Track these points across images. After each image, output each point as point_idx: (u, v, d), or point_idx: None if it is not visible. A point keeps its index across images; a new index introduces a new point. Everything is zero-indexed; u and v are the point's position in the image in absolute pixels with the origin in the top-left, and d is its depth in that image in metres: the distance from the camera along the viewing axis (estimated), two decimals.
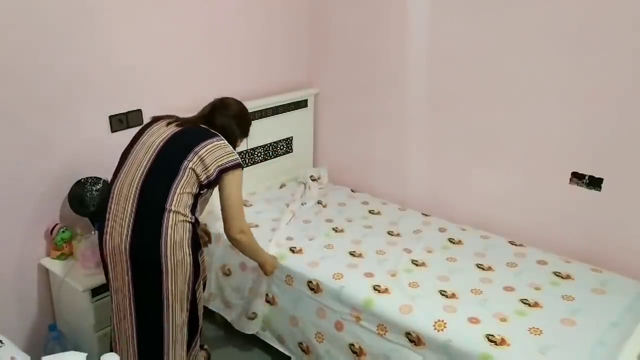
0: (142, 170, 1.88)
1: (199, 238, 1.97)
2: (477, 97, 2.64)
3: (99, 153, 2.41)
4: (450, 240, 2.57)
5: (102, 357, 2.10)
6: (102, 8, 2.27)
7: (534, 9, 2.36)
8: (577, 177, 2.41)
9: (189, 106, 2.66)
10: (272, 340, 2.46)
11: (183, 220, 1.86)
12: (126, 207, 1.86)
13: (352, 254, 2.43)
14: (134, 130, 2.49)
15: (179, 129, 1.96)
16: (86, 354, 2.01)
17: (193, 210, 1.90)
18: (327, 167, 3.37)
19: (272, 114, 3.03)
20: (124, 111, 2.47)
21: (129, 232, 1.84)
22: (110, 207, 1.89)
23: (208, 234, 2.45)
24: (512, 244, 2.52)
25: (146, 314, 1.91)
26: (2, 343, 1.90)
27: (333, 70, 3.21)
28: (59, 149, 2.28)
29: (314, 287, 2.26)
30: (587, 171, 2.38)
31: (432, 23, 2.71)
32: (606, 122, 2.28)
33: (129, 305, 1.91)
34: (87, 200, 2.28)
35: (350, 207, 2.96)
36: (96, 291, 2.16)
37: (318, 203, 2.98)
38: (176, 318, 1.91)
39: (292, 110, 3.18)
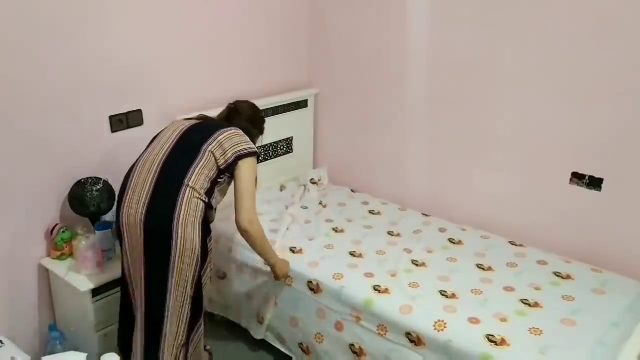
0: (165, 150, 2.00)
1: (209, 222, 2.03)
2: (477, 97, 2.64)
3: (99, 153, 2.41)
4: (450, 240, 2.57)
5: (102, 357, 2.10)
6: (103, 8, 2.27)
7: (534, 9, 2.36)
8: (577, 177, 2.41)
9: (189, 106, 2.66)
10: (272, 340, 2.46)
11: (197, 198, 1.93)
12: (146, 180, 1.95)
13: (352, 254, 2.43)
14: (134, 130, 2.52)
15: (199, 121, 2.13)
16: (86, 354, 2.02)
17: (208, 194, 1.98)
18: (327, 167, 3.37)
19: (272, 114, 3.03)
20: (124, 111, 2.47)
21: (146, 202, 1.92)
22: (131, 181, 1.99)
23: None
24: (512, 244, 2.52)
25: (154, 285, 1.95)
26: (2, 343, 1.91)
27: (333, 70, 3.21)
28: (59, 149, 2.27)
29: (313, 287, 2.26)
30: (587, 171, 2.38)
31: (432, 23, 2.71)
32: (606, 122, 2.28)
33: (141, 276, 1.97)
34: (87, 200, 2.28)
35: (350, 207, 2.96)
36: (96, 291, 2.16)
37: (319, 204, 2.98)
38: (178, 294, 1.95)
39: (292, 110, 3.18)
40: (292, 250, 2.45)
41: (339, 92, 3.22)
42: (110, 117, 2.42)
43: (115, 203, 2.07)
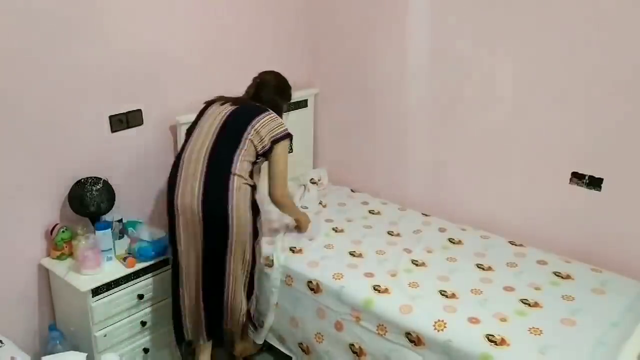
0: (208, 141, 2.21)
1: (257, 203, 2.25)
2: (477, 97, 2.64)
3: (99, 153, 2.41)
4: (450, 240, 2.57)
5: (102, 357, 2.10)
6: (103, 8, 2.27)
7: (534, 10, 2.36)
8: (577, 177, 2.41)
9: (189, 106, 2.66)
10: (272, 340, 2.46)
11: (245, 183, 2.17)
12: (196, 171, 2.17)
13: (352, 254, 2.43)
14: (134, 130, 2.52)
15: (235, 107, 2.29)
16: (86, 354, 2.02)
17: (251, 175, 2.21)
18: (327, 168, 3.37)
19: None
20: (124, 111, 2.46)
21: (200, 192, 2.13)
22: (180, 173, 2.20)
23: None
24: (512, 244, 2.52)
25: (212, 264, 2.20)
26: (2, 343, 1.91)
27: (333, 70, 3.21)
28: (59, 149, 2.27)
29: (314, 287, 2.26)
30: (587, 171, 2.38)
31: (432, 23, 2.71)
32: (606, 122, 2.28)
33: (199, 257, 2.20)
34: (87, 200, 2.28)
35: (350, 207, 2.96)
36: (96, 291, 2.16)
37: (319, 204, 2.98)
38: (237, 269, 2.21)
39: (292, 110, 3.18)
40: (292, 250, 2.45)
41: (339, 92, 3.22)
42: (110, 117, 2.42)
43: (167, 192, 2.25)
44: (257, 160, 2.24)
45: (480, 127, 2.67)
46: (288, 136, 2.28)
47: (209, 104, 2.37)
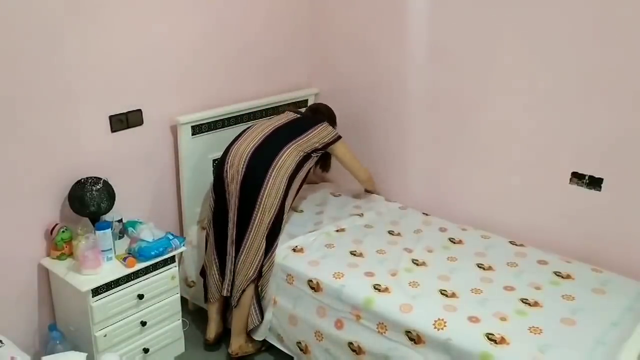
0: (272, 127, 2.58)
1: (301, 168, 2.54)
2: (478, 96, 2.64)
3: (99, 153, 2.41)
4: (451, 240, 2.57)
5: (102, 357, 2.10)
6: (103, 7, 2.27)
7: (534, 8, 2.36)
8: (577, 177, 2.41)
9: (189, 106, 2.67)
10: (272, 339, 2.46)
11: (296, 154, 2.50)
12: (256, 136, 2.52)
13: (352, 253, 2.43)
14: (134, 130, 2.52)
15: (298, 115, 2.72)
16: (86, 354, 2.02)
17: (299, 166, 2.52)
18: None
19: (273, 114, 3.03)
20: (124, 111, 2.46)
21: (255, 145, 2.48)
22: (242, 135, 2.57)
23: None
24: (513, 244, 2.52)
25: (244, 216, 2.42)
26: (2, 343, 1.91)
27: (333, 70, 3.21)
28: (59, 149, 2.27)
29: (314, 286, 2.26)
30: (587, 171, 2.38)
31: (432, 23, 2.71)
32: (606, 122, 2.28)
33: (234, 212, 2.44)
34: (87, 200, 2.28)
35: (350, 206, 2.95)
36: (96, 291, 2.16)
37: (317, 205, 2.98)
38: (263, 221, 2.40)
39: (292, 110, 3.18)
40: (292, 249, 2.45)
41: (339, 92, 3.22)
42: (110, 117, 2.42)
43: (218, 163, 2.59)
44: (313, 155, 2.58)
45: (480, 126, 2.67)
46: (339, 137, 2.68)
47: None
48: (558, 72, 2.36)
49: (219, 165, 2.53)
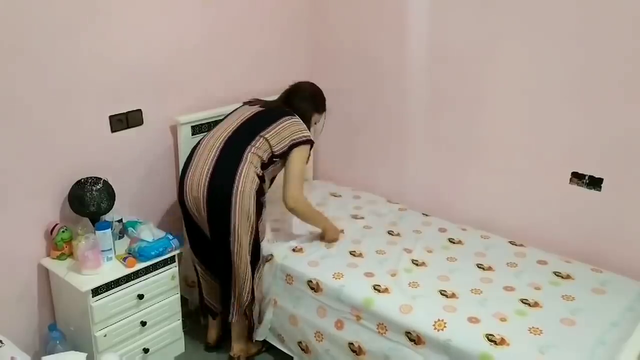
0: (226, 133, 2.30)
1: (263, 190, 2.30)
2: (477, 96, 2.64)
3: (99, 153, 2.41)
4: (451, 240, 2.57)
5: (102, 357, 2.10)
6: (103, 7, 2.27)
7: (534, 8, 2.36)
8: (577, 177, 2.41)
9: (189, 106, 2.66)
10: (272, 339, 2.46)
11: (254, 172, 2.21)
12: (208, 158, 2.26)
13: (352, 253, 2.43)
14: (134, 130, 2.52)
15: (262, 108, 2.40)
16: (86, 354, 2.02)
17: (262, 168, 2.26)
18: (327, 167, 3.35)
19: None
20: (124, 111, 2.46)
21: (209, 173, 2.22)
22: (193, 158, 2.31)
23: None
24: (512, 244, 2.52)
25: (220, 239, 2.25)
26: (2, 343, 1.91)
27: (333, 70, 3.21)
28: (59, 149, 2.27)
29: (314, 287, 2.26)
30: (587, 171, 2.38)
31: (432, 23, 2.71)
32: (607, 122, 2.28)
33: (206, 235, 2.30)
34: (87, 200, 2.28)
35: (350, 207, 2.95)
36: (96, 291, 2.16)
37: (317, 205, 2.97)
38: (242, 242, 2.23)
39: None
40: (292, 249, 2.45)
41: (339, 92, 3.22)
42: (110, 117, 2.42)
43: (179, 178, 2.35)
44: (274, 160, 2.29)
45: (480, 126, 2.67)
46: (308, 142, 2.34)
47: (244, 104, 2.49)
48: (558, 72, 2.36)
49: (179, 192, 2.35)
